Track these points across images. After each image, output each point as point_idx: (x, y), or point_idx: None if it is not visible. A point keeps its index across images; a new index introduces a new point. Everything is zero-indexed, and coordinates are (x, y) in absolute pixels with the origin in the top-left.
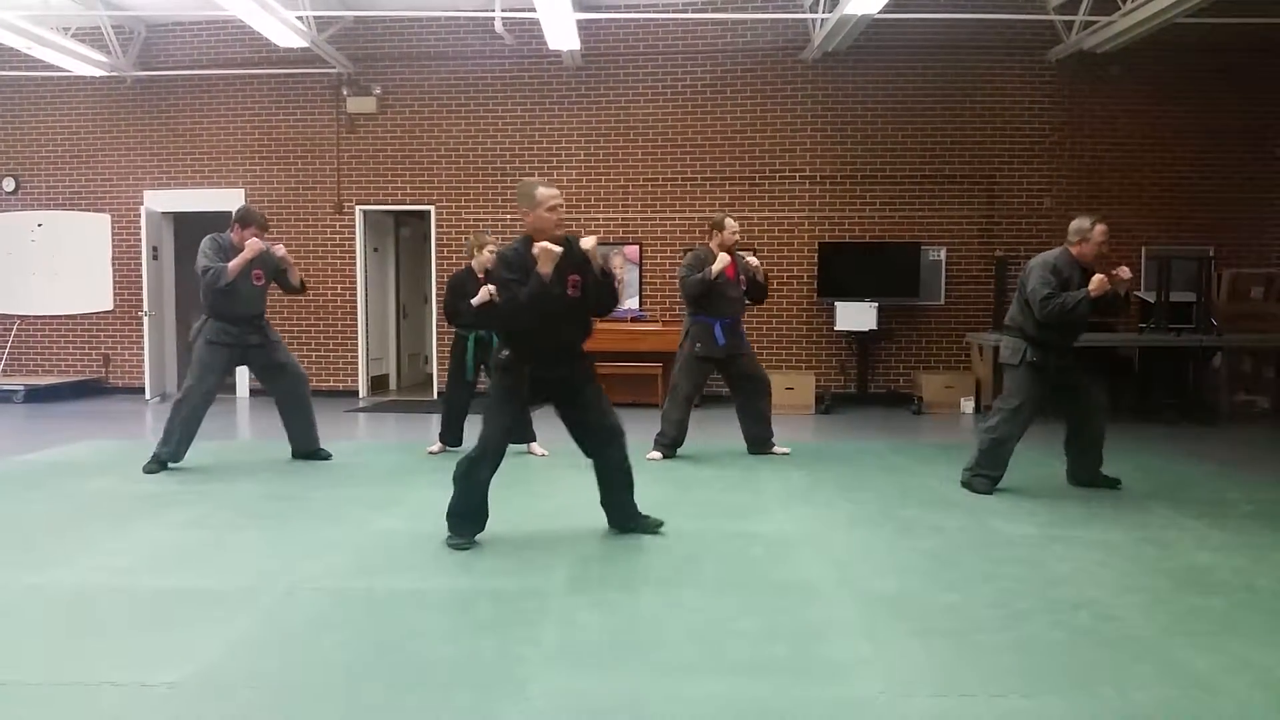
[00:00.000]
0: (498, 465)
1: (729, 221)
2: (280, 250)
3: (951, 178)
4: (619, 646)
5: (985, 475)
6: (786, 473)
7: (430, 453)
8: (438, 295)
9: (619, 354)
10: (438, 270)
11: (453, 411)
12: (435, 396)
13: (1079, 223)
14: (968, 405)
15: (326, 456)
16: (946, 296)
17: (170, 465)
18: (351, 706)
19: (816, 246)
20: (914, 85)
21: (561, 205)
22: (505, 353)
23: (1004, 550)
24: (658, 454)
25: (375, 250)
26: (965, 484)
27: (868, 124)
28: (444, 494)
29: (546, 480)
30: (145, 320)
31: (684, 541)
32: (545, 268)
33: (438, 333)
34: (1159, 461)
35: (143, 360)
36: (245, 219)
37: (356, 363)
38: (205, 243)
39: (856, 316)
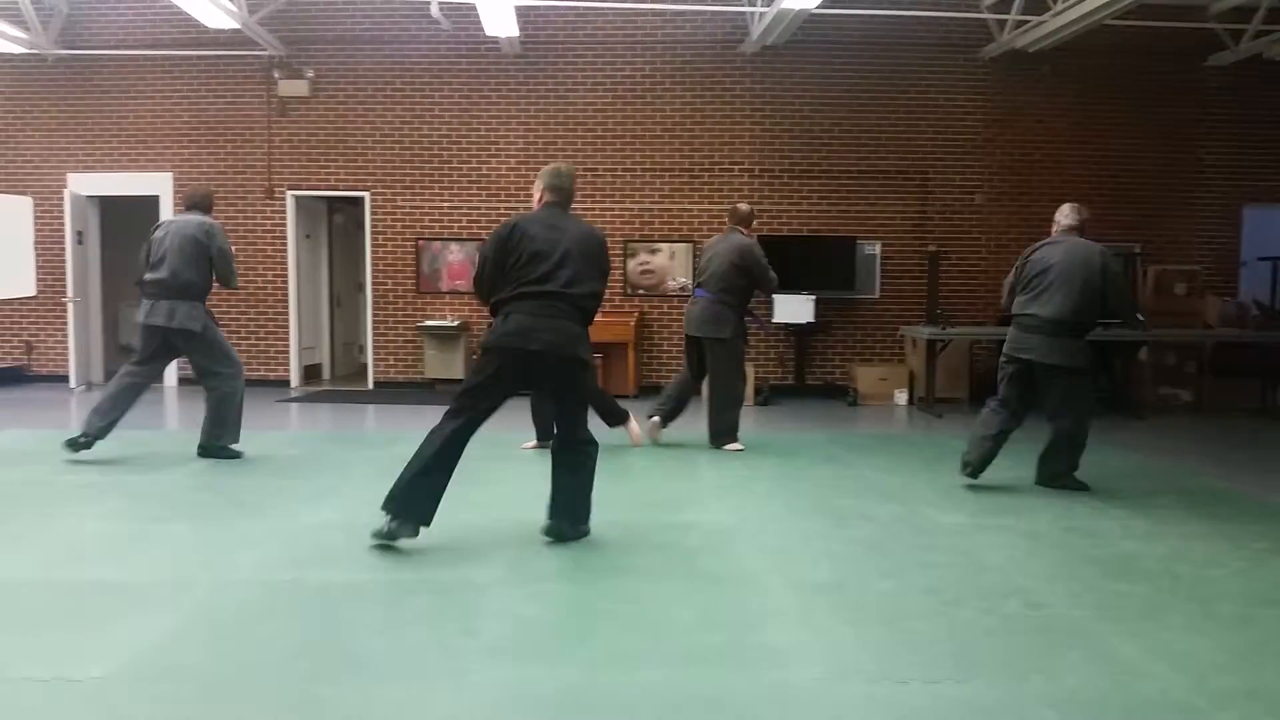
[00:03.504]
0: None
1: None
2: None
3: (886, 173)
4: (558, 637)
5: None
6: (724, 463)
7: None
8: (373, 283)
9: None
10: (373, 258)
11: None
12: (370, 386)
13: None
14: (901, 397)
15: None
16: (881, 290)
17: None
18: (282, 700)
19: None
20: (850, 80)
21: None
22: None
23: (936, 539)
24: (738, 445)
25: (308, 237)
26: (1058, 485)
27: (805, 118)
28: (380, 485)
29: (484, 470)
30: (70, 306)
31: (622, 532)
32: None
33: (373, 321)
34: (1086, 453)
35: (67, 348)
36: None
37: (288, 352)
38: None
39: (794, 309)
